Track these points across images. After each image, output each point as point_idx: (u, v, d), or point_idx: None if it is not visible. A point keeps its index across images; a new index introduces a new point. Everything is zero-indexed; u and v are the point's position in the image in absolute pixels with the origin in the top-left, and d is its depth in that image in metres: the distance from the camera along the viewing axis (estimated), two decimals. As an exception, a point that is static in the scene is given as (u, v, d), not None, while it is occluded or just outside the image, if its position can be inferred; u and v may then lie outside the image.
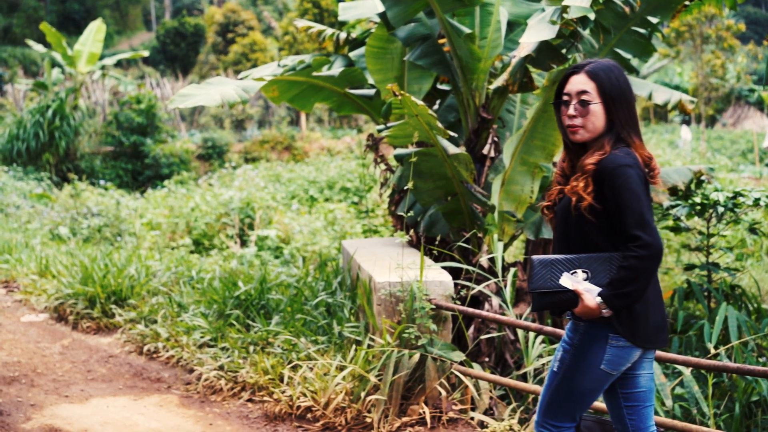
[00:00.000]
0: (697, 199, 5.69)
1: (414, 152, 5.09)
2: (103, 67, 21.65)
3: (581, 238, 2.75)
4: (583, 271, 2.69)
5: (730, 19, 26.00)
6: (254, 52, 32.97)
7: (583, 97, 2.73)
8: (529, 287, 2.75)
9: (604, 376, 2.73)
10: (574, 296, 2.69)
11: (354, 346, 4.89)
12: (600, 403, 3.82)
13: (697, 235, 6.24)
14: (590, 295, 2.65)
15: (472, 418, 4.47)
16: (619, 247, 2.66)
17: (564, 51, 5.56)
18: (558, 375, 2.81)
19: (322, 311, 5.80)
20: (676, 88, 30.37)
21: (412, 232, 6.37)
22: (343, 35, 7.07)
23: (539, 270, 2.71)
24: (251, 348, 5.46)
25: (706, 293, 5.87)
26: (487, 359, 5.26)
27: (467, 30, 5.46)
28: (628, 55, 6.34)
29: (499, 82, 5.25)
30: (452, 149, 5.04)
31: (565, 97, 2.78)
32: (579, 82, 2.75)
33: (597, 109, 2.71)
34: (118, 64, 33.63)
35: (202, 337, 5.85)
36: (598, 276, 2.68)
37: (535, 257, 2.75)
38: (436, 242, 6.16)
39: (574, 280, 2.68)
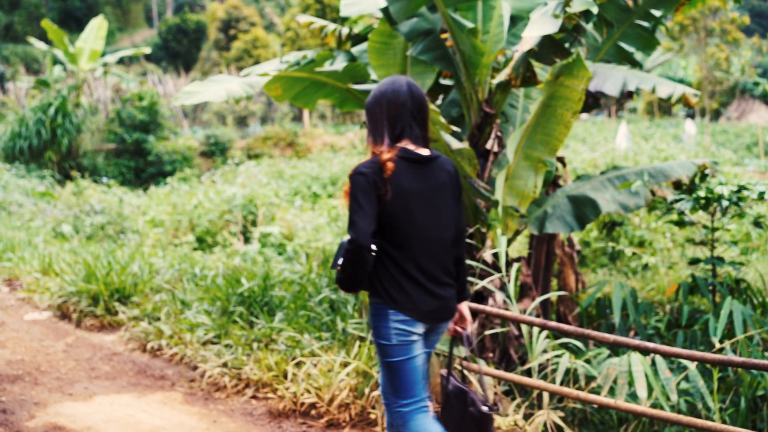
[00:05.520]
0: (702, 193, 5.66)
1: (417, 148, 5.07)
2: (105, 65, 21.64)
3: None
4: None
5: (734, 12, 25.91)
6: (256, 48, 32.96)
7: None
8: (331, 265, 3.15)
9: (401, 348, 3.04)
10: None
11: (358, 342, 4.88)
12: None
13: (701, 229, 6.21)
14: None
15: (477, 414, 4.45)
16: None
17: (567, 45, 5.53)
18: (378, 359, 3.14)
19: (326, 308, 5.79)
20: (681, 81, 30.32)
21: (415, 227, 6.34)
22: (345, 31, 7.05)
23: (338, 250, 3.08)
24: (255, 345, 5.45)
25: (710, 287, 5.84)
26: (491, 355, 5.25)
27: (470, 24, 5.44)
28: (631, 49, 6.31)
29: (502, 76, 5.22)
30: (455, 144, 5.02)
31: None
32: None
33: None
34: (120, 62, 33.67)
35: (205, 334, 5.85)
36: None
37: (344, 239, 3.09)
38: (440, 238, 6.13)
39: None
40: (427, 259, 3.06)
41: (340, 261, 3.03)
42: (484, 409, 3.20)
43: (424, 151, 3.09)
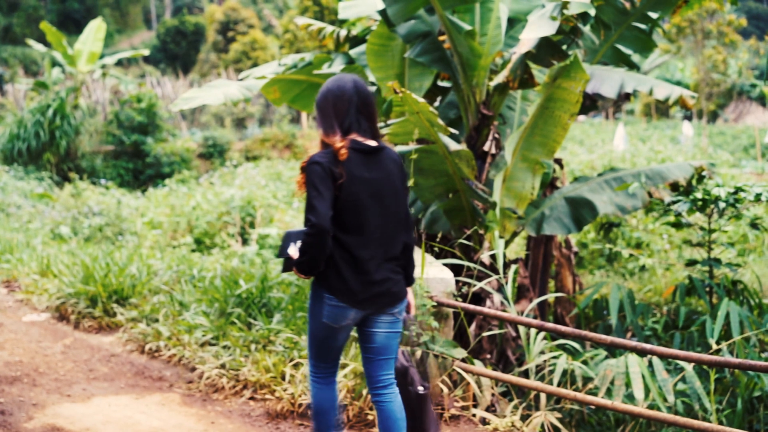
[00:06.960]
0: (699, 195, 5.69)
1: (415, 149, 5.09)
2: (103, 66, 21.64)
3: None
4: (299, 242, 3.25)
5: (731, 14, 25.97)
6: (255, 50, 32.98)
7: None
8: (277, 254, 3.28)
9: (328, 328, 3.29)
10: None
11: (355, 344, 4.88)
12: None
13: (698, 231, 6.23)
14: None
15: (474, 415, 4.47)
16: None
17: (564, 47, 5.55)
18: (307, 326, 3.41)
19: (324, 309, 5.78)
20: (678, 83, 30.37)
21: (413, 229, 6.36)
22: (343, 33, 7.06)
23: (284, 240, 3.24)
24: (253, 346, 5.46)
25: (707, 289, 5.86)
26: (488, 356, 5.26)
27: (467, 27, 5.45)
28: (628, 51, 6.33)
29: (499, 78, 5.24)
30: (453, 146, 5.03)
31: None
32: None
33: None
34: (119, 63, 33.66)
35: (203, 335, 5.85)
36: None
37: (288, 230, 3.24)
38: (438, 239, 6.16)
39: (294, 250, 3.20)
40: (375, 245, 3.24)
41: (291, 249, 3.15)
42: (420, 389, 3.41)
43: (372, 142, 3.28)
